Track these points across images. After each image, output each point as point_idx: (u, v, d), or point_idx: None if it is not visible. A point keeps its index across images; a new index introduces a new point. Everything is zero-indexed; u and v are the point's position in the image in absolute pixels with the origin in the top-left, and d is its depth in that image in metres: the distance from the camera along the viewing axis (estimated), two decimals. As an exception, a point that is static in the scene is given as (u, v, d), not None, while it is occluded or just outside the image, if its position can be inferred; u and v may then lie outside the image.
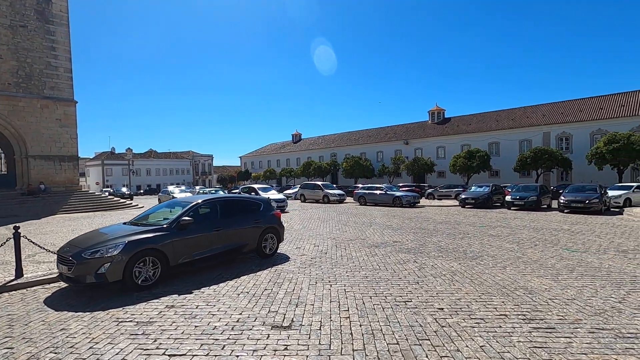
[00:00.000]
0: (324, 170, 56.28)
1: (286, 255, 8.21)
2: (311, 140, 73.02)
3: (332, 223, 14.52)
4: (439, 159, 47.30)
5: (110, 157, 68.49)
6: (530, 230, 11.81)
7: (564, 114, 39.87)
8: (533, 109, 44.22)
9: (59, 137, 25.48)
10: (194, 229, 6.48)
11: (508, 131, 42.41)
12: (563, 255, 7.82)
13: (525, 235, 10.64)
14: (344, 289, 5.55)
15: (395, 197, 22.75)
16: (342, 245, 9.37)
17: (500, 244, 9.27)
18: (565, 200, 17.46)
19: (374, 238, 10.54)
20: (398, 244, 9.53)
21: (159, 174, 75.13)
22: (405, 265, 7.05)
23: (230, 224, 7.18)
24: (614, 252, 8.09)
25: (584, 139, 36.96)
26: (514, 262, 7.28)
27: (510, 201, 19.61)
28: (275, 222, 8.17)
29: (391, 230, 12.07)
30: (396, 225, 13.59)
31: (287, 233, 11.78)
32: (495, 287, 5.57)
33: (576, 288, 5.47)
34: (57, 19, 25.37)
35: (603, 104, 38.36)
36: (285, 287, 5.74)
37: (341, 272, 6.63)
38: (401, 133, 55.68)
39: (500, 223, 13.79)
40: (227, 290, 5.60)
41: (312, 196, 28.85)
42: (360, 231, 12.05)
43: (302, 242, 10.07)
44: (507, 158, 40.36)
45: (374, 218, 16.24)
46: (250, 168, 79.53)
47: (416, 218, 16.04)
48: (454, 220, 15.08)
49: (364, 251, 8.57)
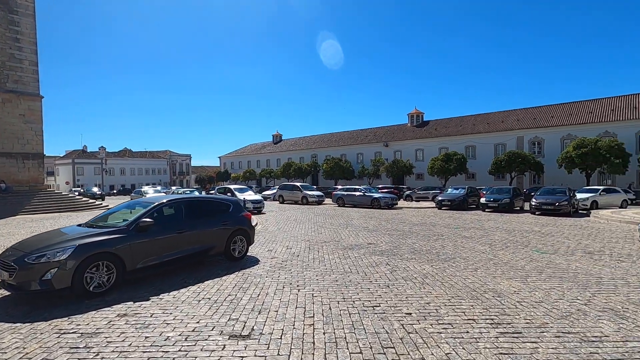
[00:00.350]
0: (304, 172, 56.02)
1: (256, 258, 7.91)
2: (292, 141, 72.61)
3: (308, 224, 14.29)
4: (418, 162, 47.93)
5: (82, 156, 65.79)
6: (502, 232, 11.97)
7: (537, 119, 41.22)
8: (508, 113, 45.52)
9: (23, 133, 24.11)
10: (156, 230, 6.10)
11: (484, 135, 43.47)
12: (533, 257, 7.89)
13: (498, 237, 10.75)
14: (312, 294, 5.33)
15: (373, 199, 22.77)
16: (316, 248, 9.16)
17: (473, 246, 9.29)
18: (537, 202, 17.91)
19: (348, 240, 10.38)
20: (372, 246, 9.40)
21: (134, 173, 72.78)
22: (377, 268, 6.90)
23: (196, 225, 6.82)
24: (581, 254, 8.24)
25: (555, 143, 38.32)
26: (485, 264, 7.27)
27: (484, 203, 19.97)
28: (245, 223, 7.86)
29: (367, 232, 11.96)
30: (372, 227, 13.50)
31: (261, 235, 11.47)
32: (465, 290, 5.49)
33: (544, 290, 5.45)
34: (22, 9, 24.04)
35: (573, 110, 39.91)
36: (251, 292, 5.46)
37: (311, 275, 6.41)
38: (381, 135, 56.15)
39: (475, 225, 13.94)
40: (187, 297, 5.27)
41: (290, 197, 28.53)
42: (335, 233, 11.87)
43: (275, 244, 9.78)
44: (483, 161, 41.32)
45: (351, 220, 16.12)
46: (230, 168, 78.34)
47: (393, 220, 16.04)
48: (430, 221, 15.16)
49: (337, 253, 8.38)
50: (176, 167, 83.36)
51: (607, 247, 9.12)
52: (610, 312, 4.56)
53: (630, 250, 8.70)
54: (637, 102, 36.20)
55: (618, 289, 5.56)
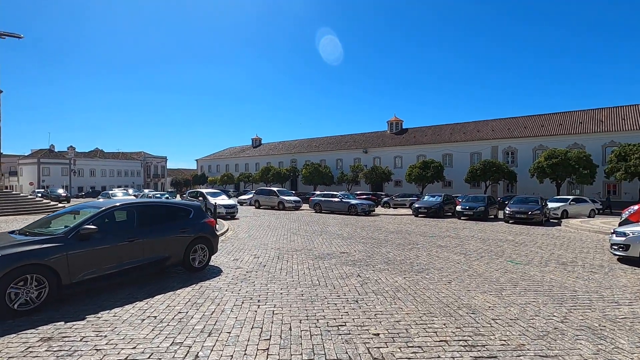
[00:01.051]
0: (283, 176, 55.32)
1: (219, 269, 7.32)
2: (271, 146, 71.81)
3: (282, 231, 13.75)
4: (396, 169, 48.25)
5: (49, 155, 62.46)
6: (477, 240, 11.85)
7: (511, 130, 42.39)
8: (484, 123, 46.63)
9: (-23, 129, 22.40)
10: (100, 239, 5.45)
11: (461, 144, 44.29)
12: (507, 268, 7.69)
13: (473, 246, 10.59)
14: (273, 311, 4.83)
15: (350, 205, 22.46)
16: (285, 257, 8.65)
17: (447, 256, 9.04)
18: (510, 211, 18.09)
19: (321, 248, 9.93)
20: (345, 255, 8.99)
21: (105, 175, 69.76)
22: (347, 280, 6.48)
23: (149, 233, 6.19)
24: (555, 264, 8.12)
25: (528, 153, 39.44)
26: (459, 275, 6.98)
27: (460, 211, 20.04)
28: (207, 230, 7.26)
29: (341, 240, 11.55)
30: (347, 234, 13.12)
31: (229, 242, 10.85)
32: (438, 305, 5.14)
33: (519, 306, 5.18)
34: (-19, -4, 22.45)
35: (544, 122, 41.30)
36: (205, 309, 4.90)
37: (275, 289, 5.91)
38: (361, 142, 56.31)
39: (450, 233, 13.81)
40: (131, 315, 4.65)
41: (267, 202, 27.85)
42: (308, 240, 11.40)
43: (243, 252, 9.20)
44: (459, 169, 42.02)
45: (326, 226, 15.69)
46: (207, 172, 76.50)
47: (369, 227, 15.73)
48: (406, 229, 14.94)
49: (307, 263, 7.91)
50: (151, 169, 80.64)
51: (580, 257, 9.08)
52: (587, 330, 4.30)
53: (602, 261, 8.68)
54: (603, 117, 37.86)
55: (593, 303, 5.36)
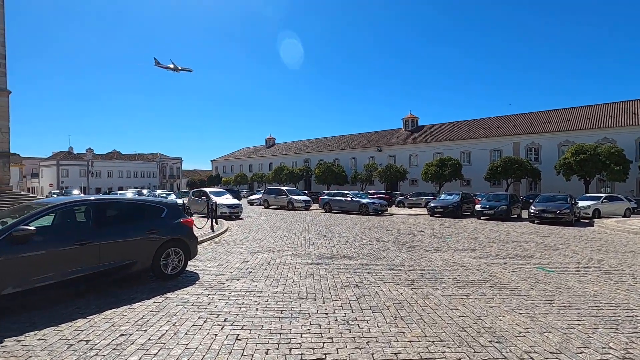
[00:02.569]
0: (296, 176, 54.51)
1: (197, 276, 6.37)
2: (285, 146, 71.21)
3: (283, 232, 12.76)
4: (412, 167, 46.62)
5: (68, 157, 63.73)
6: (500, 243, 10.51)
7: (533, 125, 40.13)
8: (504, 119, 44.42)
9: (-14, 130, 22.44)
10: (41, 242, 4.57)
11: (479, 140, 42.29)
12: (538, 277, 6.42)
13: (495, 250, 9.28)
14: (237, 335, 3.80)
15: (361, 205, 21.28)
16: (278, 262, 7.63)
17: (465, 261, 7.81)
18: (536, 210, 16.51)
19: (321, 252, 8.86)
20: (346, 259, 7.89)
21: (122, 176, 70.75)
22: (342, 292, 5.39)
23: (108, 234, 5.28)
24: (596, 273, 6.78)
25: (552, 149, 37.16)
26: (479, 286, 5.78)
27: (479, 210, 18.55)
28: (182, 232, 6.31)
29: (345, 242, 10.44)
30: (353, 235, 11.99)
31: (223, 244, 9.92)
32: (451, 329, 3.99)
33: (560, 331, 3.97)
34: (-10, -2, 22.51)
35: (570, 116, 38.86)
36: (154, 331, 3.92)
37: (252, 302, 4.89)
38: (375, 140, 54.89)
39: (468, 234, 12.48)
40: (60, 338, 3.72)
41: (276, 202, 26.98)
42: (309, 243, 10.34)
43: (231, 256, 8.24)
44: (478, 167, 40.06)
45: (332, 227, 14.60)
46: (222, 172, 76.64)
47: (379, 227, 14.54)
48: (419, 230, 13.68)
49: (300, 270, 6.86)
50: (167, 171, 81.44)
51: (625, 264, 7.67)
52: (663, 372, 3.08)
53: (653, 268, 7.26)
54: (636, 109, 35.21)
55: (659, 328, 4.09)
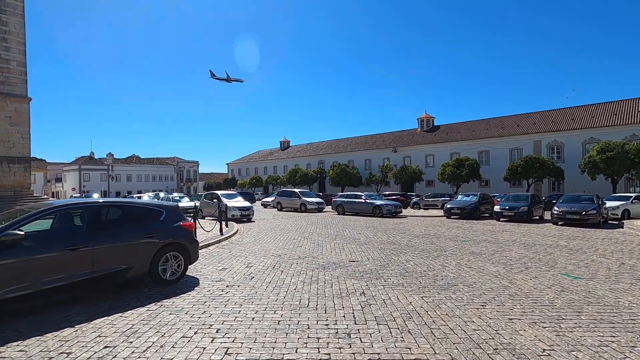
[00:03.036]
0: (311, 178, 54.37)
1: (196, 281, 6.13)
2: (299, 148, 71.22)
3: (293, 235, 12.47)
4: (428, 168, 45.66)
5: (89, 162, 65.63)
6: (520, 246, 9.89)
7: (555, 122, 38.60)
8: (523, 117, 42.96)
9: (9, 136, 23.07)
10: (31, 247, 4.41)
11: (498, 139, 41.00)
12: (564, 284, 5.87)
13: (515, 254, 8.70)
14: (227, 349, 3.49)
15: (375, 206, 20.78)
16: (283, 266, 7.32)
17: (482, 266, 7.30)
18: (560, 211, 15.65)
19: (329, 256, 8.51)
20: (354, 264, 7.50)
21: (141, 180, 72.31)
22: (346, 300, 5.02)
23: (103, 238, 5.10)
24: (630, 280, 6.17)
25: (576, 147, 35.61)
26: (498, 295, 5.30)
27: (499, 211, 17.77)
28: (183, 236, 6.10)
29: (355, 246, 10.05)
30: (365, 238, 11.57)
31: (230, 247, 9.70)
32: (465, 344, 3.57)
33: (591, 349, 3.49)
34: (11, 8, 23.25)
35: (595, 112, 37.17)
36: (140, 343, 3.66)
37: (249, 311, 4.58)
38: (390, 141, 54.14)
39: (487, 237, 11.86)
40: (41, 350, 3.51)
41: (289, 204, 26.78)
42: (318, 246, 10.01)
43: (236, 260, 7.98)
44: (497, 167, 38.82)
45: (344, 229, 14.21)
46: (237, 175, 77.35)
47: (392, 230, 14.06)
48: (434, 232, 13.12)
49: (305, 275, 6.53)
50: (183, 174, 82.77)
51: (661, 269, 7.00)
52: None
53: (694, 274, 6.58)
54: (668, 103, 33.33)
55: None
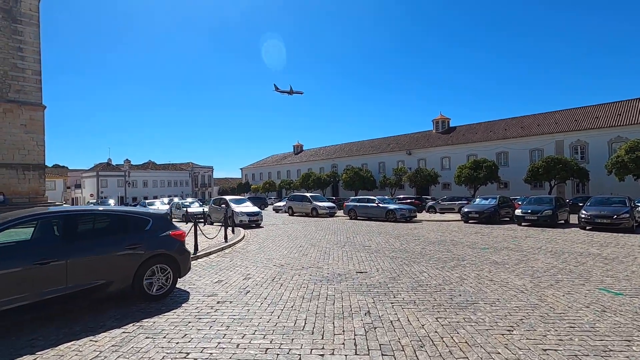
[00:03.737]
0: (324, 182, 53.78)
1: (187, 295, 5.60)
2: (312, 152, 70.87)
3: (300, 242, 11.87)
4: (444, 170, 44.43)
5: (106, 169, 66.98)
6: (547, 254, 9.00)
7: (578, 121, 36.86)
8: (544, 116, 41.28)
9: (24, 144, 23.46)
10: (-8, 262, 3.96)
11: (517, 140, 39.47)
12: (604, 302, 5.06)
13: (542, 264, 7.85)
14: (198, 387, 2.92)
15: (388, 211, 19.98)
16: (283, 278, 6.73)
17: (506, 279, 6.51)
18: (588, 214, 14.52)
19: (335, 266, 7.87)
20: (361, 276, 6.84)
21: (157, 185, 73.34)
22: (348, 322, 4.38)
23: (77, 250, 4.62)
24: (682, 297, 5.29)
25: (601, 147, 33.84)
26: (526, 316, 4.56)
27: (520, 215, 16.71)
28: (171, 246, 5.58)
29: (365, 254, 9.36)
30: (376, 246, 10.86)
31: (231, 256, 9.18)
32: (490, 385, 2.88)
33: (654, 395, 2.75)
34: (26, 18, 23.73)
35: (621, 109, 35.29)
36: (101, 375, 3.13)
37: (235, 335, 4.00)
38: (404, 143, 53.10)
39: (508, 243, 10.97)
40: (-14, 384, 3.02)
41: (300, 209, 26.23)
42: (325, 255, 9.38)
43: (234, 270, 7.44)
44: (516, 168, 37.33)
45: (354, 236, 13.52)
46: (251, 180, 77.55)
47: (406, 236, 13.28)
48: (451, 239, 12.28)
49: (305, 289, 5.92)
50: (198, 179, 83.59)
51: None
52: None
53: None
54: (702, 98, 31.29)
55: None
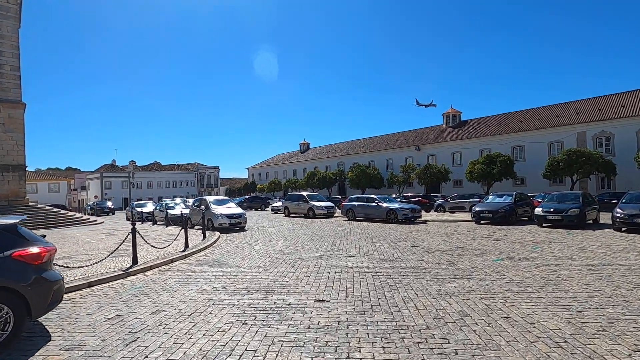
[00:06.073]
0: (329, 181, 51.80)
1: (41, 343, 3.72)
2: (318, 150, 68.95)
3: (273, 251, 9.94)
4: (455, 166, 41.89)
5: (110, 170, 66.40)
6: (582, 269, 6.82)
7: (602, 111, 33.88)
8: (563, 106, 38.33)
9: (2, 143, 22.22)
10: None
11: (534, 132, 36.69)
12: None
13: (579, 286, 5.70)
14: None
15: (389, 211, 17.86)
16: (208, 312, 4.79)
17: (530, 315, 4.42)
18: (625, 213, 12.15)
19: (292, 289, 5.89)
20: (319, 307, 4.82)
21: (161, 186, 72.51)
22: None
23: None
24: None
25: (629, 138, 30.90)
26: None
27: (541, 215, 14.40)
28: (14, 274, 3.70)
29: (343, 268, 7.35)
30: (361, 255, 8.82)
31: (179, 270, 7.28)
32: None
33: None
34: (4, 10, 22.47)
35: (651, 96, 32.21)
36: None
37: None
38: (413, 139, 50.66)
39: (529, 252, 8.80)
40: None
41: (296, 210, 24.33)
42: (291, 269, 7.41)
43: (150, 297, 5.54)
44: (534, 163, 34.64)
45: (342, 241, 11.50)
46: (257, 180, 76.16)
47: (403, 241, 11.20)
48: (457, 245, 10.15)
49: (223, 335, 3.96)
50: (204, 179, 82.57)
51: None
52: None
53: None
54: None
55: None
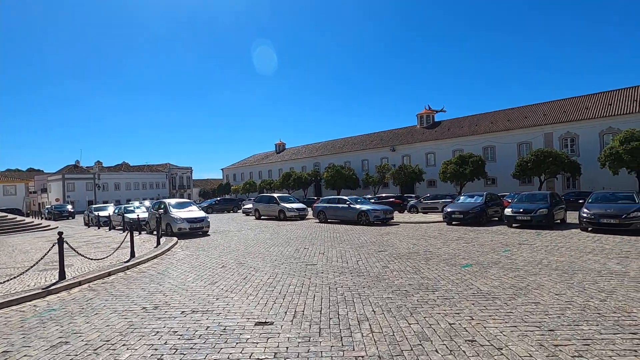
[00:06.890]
0: (305, 181, 51.07)
1: None
2: (294, 150, 68.06)
3: (230, 258, 9.09)
4: (429, 167, 42.16)
5: (74, 171, 62.74)
6: (553, 275, 6.41)
7: (567, 112, 34.93)
8: (532, 108, 39.33)
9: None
10: None
11: (504, 133, 37.40)
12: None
13: (551, 296, 5.22)
14: None
15: (360, 212, 17.32)
16: (131, 338, 3.96)
17: (498, 336, 3.84)
18: (591, 213, 12.11)
19: (234, 306, 5.11)
20: (258, 334, 4.08)
21: (130, 188, 69.31)
22: None
23: None
24: None
25: (592, 139, 31.94)
26: None
27: (511, 215, 14.25)
28: None
29: (299, 279, 6.63)
30: (324, 263, 8.12)
31: (111, 286, 6.31)
32: None
33: None
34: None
35: (612, 99, 33.45)
36: None
37: None
38: (388, 139, 50.73)
39: (498, 255, 8.40)
40: None
41: (267, 212, 23.42)
42: (239, 282, 6.61)
43: (58, 325, 4.63)
44: (504, 163, 35.25)
45: (308, 246, 10.78)
46: (232, 180, 74.35)
47: (371, 245, 10.61)
48: (425, 249, 9.65)
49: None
50: (176, 181, 79.74)
51: None
52: None
53: None
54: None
55: None
